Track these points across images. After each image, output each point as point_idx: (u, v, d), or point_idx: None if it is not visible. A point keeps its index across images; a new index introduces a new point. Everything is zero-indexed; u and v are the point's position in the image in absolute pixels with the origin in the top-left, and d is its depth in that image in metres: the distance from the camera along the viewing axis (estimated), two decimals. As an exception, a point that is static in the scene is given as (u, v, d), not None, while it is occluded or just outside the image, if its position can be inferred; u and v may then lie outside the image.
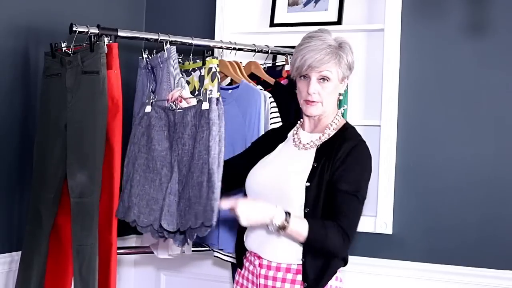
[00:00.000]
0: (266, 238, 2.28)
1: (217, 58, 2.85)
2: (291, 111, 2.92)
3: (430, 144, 3.21)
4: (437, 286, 3.15)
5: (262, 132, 2.81)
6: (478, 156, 3.12)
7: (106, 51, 2.58)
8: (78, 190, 2.57)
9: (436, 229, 3.17)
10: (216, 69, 2.80)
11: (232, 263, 3.00)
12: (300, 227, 2.15)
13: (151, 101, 2.36)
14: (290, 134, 2.43)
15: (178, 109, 2.32)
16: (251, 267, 2.34)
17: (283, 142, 2.42)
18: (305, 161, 2.29)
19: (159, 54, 2.78)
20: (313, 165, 2.26)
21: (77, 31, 2.61)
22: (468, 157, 3.14)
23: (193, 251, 2.97)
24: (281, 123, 2.84)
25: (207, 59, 2.81)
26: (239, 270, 2.42)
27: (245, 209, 2.15)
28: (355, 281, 3.24)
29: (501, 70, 3.11)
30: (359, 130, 3.34)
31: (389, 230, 3.23)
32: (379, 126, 3.26)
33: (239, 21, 3.60)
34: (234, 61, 3.04)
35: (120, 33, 2.68)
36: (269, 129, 2.78)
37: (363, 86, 3.40)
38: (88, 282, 2.51)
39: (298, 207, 2.21)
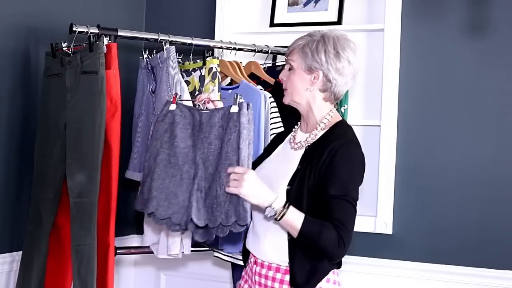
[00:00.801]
0: (259, 238, 2.29)
1: (217, 58, 2.85)
2: (291, 111, 2.92)
3: (430, 144, 3.21)
4: (437, 286, 3.14)
5: (262, 132, 2.81)
6: (478, 156, 3.12)
7: (105, 51, 2.58)
8: (77, 190, 2.57)
9: (436, 229, 3.17)
10: (216, 69, 2.80)
11: (232, 263, 3.00)
12: (296, 218, 2.12)
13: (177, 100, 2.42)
14: (290, 135, 2.42)
15: (205, 109, 2.36)
16: (250, 264, 2.36)
17: (283, 143, 2.42)
18: (294, 162, 2.26)
19: (158, 54, 2.78)
20: (297, 168, 2.23)
21: (77, 31, 2.62)
22: (468, 157, 3.14)
23: (192, 251, 2.96)
24: (281, 123, 2.84)
25: (208, 59, 2.82)
26: (245, 267, 2.45)
27: (251, 182, 2.13)
28: (355, 281, 3.24)
29: (501, 70, 3.11)
30: (359, 130, 3.35)
31: (389, 230, 3.23)
32: (379, 126, 3.26)
33: (239, 21, 3.60)
34: (234, 61, 3.04)
35: (120, 33, 2.68)
36: (277, 133, 2.75)
37: (363, 86, 3.40)
38: (87, 282, 2.52)
39: None
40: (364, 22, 3.41)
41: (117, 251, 2.68)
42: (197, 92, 2.83)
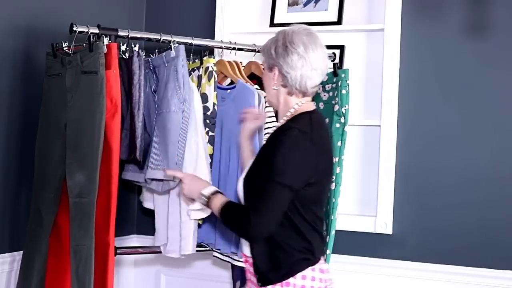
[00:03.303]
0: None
1: (213, 57, 2.85)
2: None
3: (430, 144, 3.21)
4: (437, 286, 3.14)
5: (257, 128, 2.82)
6: (478, 156, 3.12)
7: (105, 51, 2.58)
8: (76, 190, 2.57)
9: (436, 229, 3.17)
10: (213, 68, 2.80)
11: (232, 263, 3.00)
12: (218, 204, 2.26)
13: None
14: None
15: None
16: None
17: None
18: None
19: (164, 53, 2.77)
20: (255, 158, 2.34)
21: (77, 31, 2.61)
22: (468, 157, 3.14)
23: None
24: (276, 123, 2.84)
25: (204, 58, 2.82)
26: None
27: (188, 181, 2.37)
28: (355, 281, 3.24)
29: (501, 70, 3.11)
30: (359, 130, 3.36)
31: (389, 230, 3.23)
32: (379, 126, 3.26)
33: (239, 21, 3.60)
34: (233, 61, 3.04)
35: (120, 33, 2.68)
36: None
37: (363, 86, 3.39)
38: (84, 282, 2.52)
39: (243, 201, 2.31)
40: (364, 22, 3.41)
41: (117, 251, 2.68)
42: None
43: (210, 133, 2.78)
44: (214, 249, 2.97)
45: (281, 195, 2.16)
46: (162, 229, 2.89)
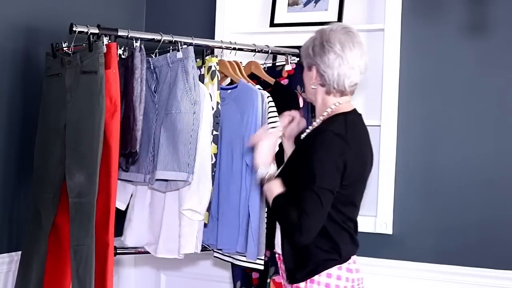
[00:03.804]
0: (277, 233, 2.42)
1: (216, 56, 2.85)
2: (291, 110, 2.92)
3: (430, 144, 3.21)
4: (437, 286, 3.14)
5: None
6: (479, 156, 3.12)
7: (105, 51, 2.58)
8: (76, 190, 2.57)
9: (436, 229, 3.17)
10: (215, 68, 2.80)
11: (232, 263, 3.00)
12: (275, 189, 2.26)
13: None
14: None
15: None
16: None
17: None
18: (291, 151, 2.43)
19: (168, 54, 2.77)
20: (290, 156, 2.39)
21: (77, 31, 2.61)
22: (469, 157, 3.14)
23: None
24: (279, 123, 2.84)
25: (207, 57, 2.82)
26: None
27: (263, 145, 2.33)
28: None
29: (501, 70, 3.11)
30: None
31: (389, 230, 3.23)
32: (379, 126, 3.26)
33: (239, 21, 3.60)
34: (234, 61, 3.04)
35: (120, 33, 2.68)
36: None
37: (363, 86, 3.38)
38: (85, 282, 2.51)
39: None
40: (364, 22, 3.41)
41: (117, 251, 2.68)
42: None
43: (214, 132, 2.78)
44: (214, 250, 2.97)
45: (325, 200, 2.19)
46: (142, 230, 2.89)
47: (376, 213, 3.25)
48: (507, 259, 3.05)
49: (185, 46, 2.74)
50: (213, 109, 2.78)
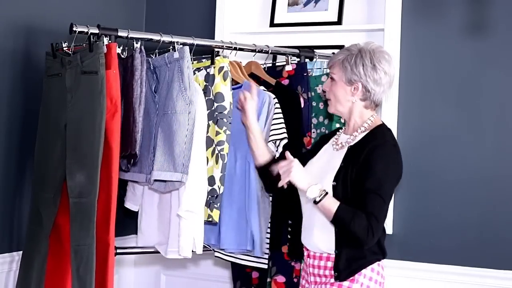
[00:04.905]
0: (310, 232, 2.52)
1: (227, 57, 2.85)
2: (291, 111, 2.92)
3: (430, 144, 3.21)
4: (437, 286, 3.14)
5: (264, 133, 2.82)
6: (478, 156, 3.12)
7: (105, 51, 2.58)
8: (77, 190, 2.57)
9: (436, 229, 3.17)
10: (227, 68, 2.79)
11: (232, 262, 3.00)
12: (332, 203, 2.36)
13: None
14: (333, 138, 2.62)
15: None
16: (305, 259, 2.59)
17: (327, 144, 2.63)
18: (337, 161, 2.49)
19: (166, 54, 2.77)
20: (340, 165, 2.46)
21: (77, 31, 2.61)
22: (468, 157, 3.14)
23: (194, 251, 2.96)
24: (283, 125, 2.84)
25: (217, 58, 2.81)
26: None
27: (298, 168, 2.41)
28: (355, 281, 3.24)
29: (501, 70, 3.11)
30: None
31: (389, 230, 3.22)
32: (379, 126, 3.26)
33: (239, 21, 3.60)
34: (234, 61, 3.03)
35: (120, 33, 2.68)
36: (322, 134, 2.93)
37: (363, 86, 3.39)
38: (85, 282, 2.52)
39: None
40: (364, 22, 3.41)
41: (117, 251, 2.68)
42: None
43: (228, 132, 2.77)
44: (215, 249, 2.97)
45: (388, 205, 2.43)
46: (152, 230, 2.89)
47: (376, 213, 3.25)
48: (507, 259, 3.05)
49: (181, 46, 2.74)
50: (226, 109, 2.77)
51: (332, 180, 2.44)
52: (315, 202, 2.38)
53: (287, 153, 2.48)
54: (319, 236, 2.48)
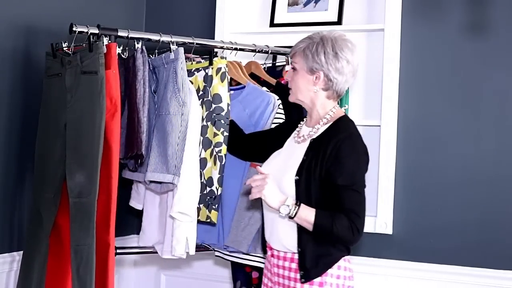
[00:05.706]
0: (272, 228, 2.44)
1: (225, 58, 2.85)
2: (292, 111, 2.92)
3: (430, 144, 3.21)
4: (437, 286, 3.14)
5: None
6: (479, 156, 3.12)
7: (105, 51, 2.58)
8: (77, 190, 2.57)
9: (436, 229, 3.17)
10: (225, 69, 2.78)
11: (232, 262, 3.00)
12: (309, 213, 2.28)
13: None
14: (295, 130, 2.55)
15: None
16: (268, 258, 2.51)
17: (290, 138, 2.55)
18: (299, 154, 2.41)
19: (163, 55, 2.76)
20: (302, 159, 2.38)
21: (77, 31, 2.61)
22: (469, 157, 3.14)
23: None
24: (282, 119, 2.84)
25: (215, 59, 2.80)
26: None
27: (271, 185, 2.30)
28: (355, 281, 3.23)
29: (501, 70, 3.11)
30: (359, 130, 3.36)
31: (389, 230, 3.23)
32: (379, 126, 3.26)
33: (239, 21, 3.60)
34: (235, 61, 3.03)
35: (120, 33, 2.68)
36: (283, 122, 2.83)
37: (363, 86, 3.40)
38: (86, 282, 2.52)
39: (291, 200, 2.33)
40: (364, 22, 3.41)
41: (117, 251, 2.68)
42: (201, 92, 2.81)
43: (225, 134, 2.77)
44: (215, 249, 2.97)
45: (364, 195, 2.36)
46: (152, 229, 2.89)
47: (376, 213, 3.25)
48: (507, 259, 3.05)
49: (176, 47, 2.74)
50: (223, 110, 2.76)
51: (295, 174, 2.35)
52: (291, 218, 2.29)
53: (259, 168, 2.36)
54: (282, 233, 2.40)
